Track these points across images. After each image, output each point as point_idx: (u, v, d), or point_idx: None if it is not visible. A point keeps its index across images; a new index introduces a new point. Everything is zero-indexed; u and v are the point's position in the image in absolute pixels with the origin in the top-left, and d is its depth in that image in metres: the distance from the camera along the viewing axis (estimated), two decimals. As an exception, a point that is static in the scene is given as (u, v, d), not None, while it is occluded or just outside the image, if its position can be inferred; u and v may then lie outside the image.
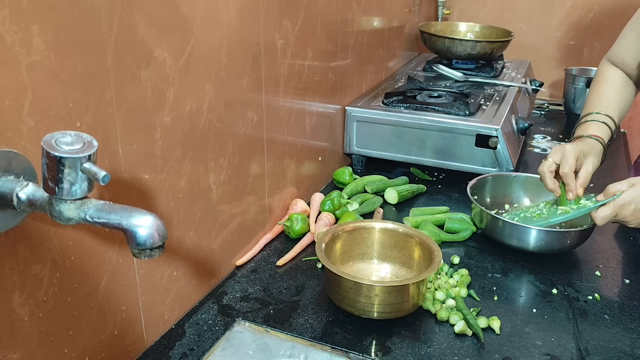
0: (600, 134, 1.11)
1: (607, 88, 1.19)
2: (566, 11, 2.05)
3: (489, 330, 0.88)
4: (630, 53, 1.16)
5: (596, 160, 1.06)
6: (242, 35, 0.93)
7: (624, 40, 1.18)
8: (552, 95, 2.12)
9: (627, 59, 1.18)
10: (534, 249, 1.06)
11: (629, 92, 1.20)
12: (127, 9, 0.68)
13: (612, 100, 1.17)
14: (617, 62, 1.20)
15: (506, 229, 1.07)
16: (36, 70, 0.57)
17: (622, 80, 1.20)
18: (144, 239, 0.50)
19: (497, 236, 1.10)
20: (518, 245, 1.07)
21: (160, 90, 0.76)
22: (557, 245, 1.07)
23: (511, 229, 1.07)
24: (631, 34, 1.16)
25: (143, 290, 0.80)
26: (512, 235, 1.07)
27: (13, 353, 0.61)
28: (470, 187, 1.18)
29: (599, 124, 1.12)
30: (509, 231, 1.07)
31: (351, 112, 1.43)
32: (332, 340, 0.85)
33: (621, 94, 1.19)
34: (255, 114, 1.01)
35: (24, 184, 0.54)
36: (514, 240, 1.07)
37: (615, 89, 1.19)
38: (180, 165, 0.83)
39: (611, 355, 0.84)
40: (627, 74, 1.20)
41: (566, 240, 1.06)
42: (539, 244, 1.05)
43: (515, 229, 1.06)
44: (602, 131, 1.11)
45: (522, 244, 1.06)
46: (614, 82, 1.20)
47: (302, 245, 1.10)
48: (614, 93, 1.18)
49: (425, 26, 1.93)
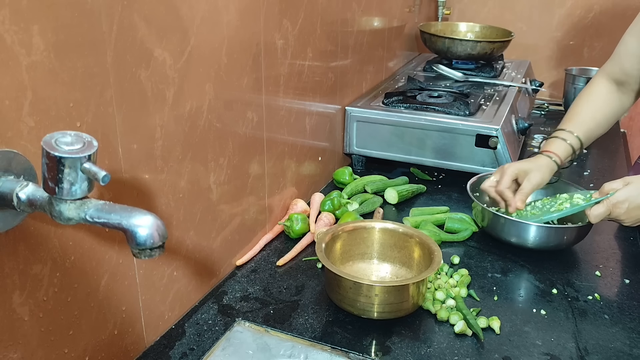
0: (557, 150, 1.14)
1: (585, 104, 1.20)
2: (566, 11, 2.06)
3: (489, 330, 0.88)
4: (631, 60, 1.15)
5: (539, 176, 1.10)
6: (242, 35, 0.93)
7: (623, 47, 1.16)
8: (552, 95, 2.12)
9: (628, 66, 1.15)
10: (532, 245, 1.07)
11: (611, 107, 1.19)
12: (127, 9, 0.68)
13: (584, 117, 1.18)
14: (615, 70, 1.18)
15: (505, 226, 1.09)
16: (36, 70, 0.57)
17: (605, 95, 1.19)
18: (144, 239, 0.50)
19: (497, 233, 1.11)
20: (517, 242, 1.08)
21: (160, 90, 0.76)
22: (555, 241, 1.07)
23: (510, 226, 1.08)
24: (631, 40, 1.14)
25: (143, 290, 0.80)
26: (511, 232, 1.08)
27: (13, 353, 0.61)
28: (470, 184, 1.18)
29: (559, 141, 1.15)
30: (508, 228, 1.08)
31: (351, 112, 1.43)
32: (332, 340, 0.85)
33: (598, 110, 1.18)
34: (255, 114, 1.01)
35: (24, 184, 0.54)
36: (512, 237, 1.08)
37: (592, 104, 1.19)
38: (180, 165, 0.83)
39: (611, 354, 0.84)
40: (624, 82, 1.17)
41: (563, 236, 1.07)
42: (537, 240, 1.06)
43: (514, 225, 1.07)
44: (560, 148, 1.14)
45: (521, 240, 1.07)
46: (595, 98, 1.20)
47: (302, 245, 1.10)
48: (589, 110, 1.19)
49: (425, 26, 1.93)
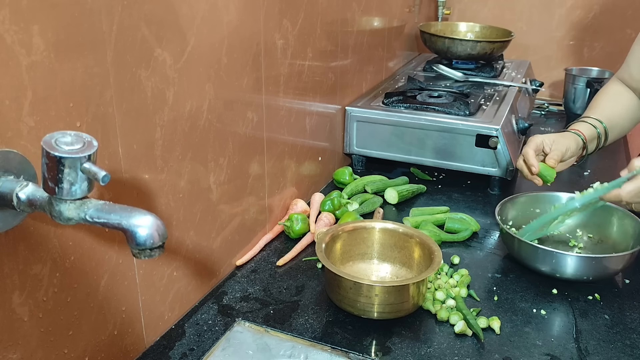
0: (582, 129, 1.14)
1: (603, 98, 1.21)
2: (566, 11, 2.05)
3: (489, 330, 0.88)
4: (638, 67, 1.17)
5: (564, 141, 1.10)
6: (242, 35, 0.93)
7: (632, 57, 1.19)
8: (552, 95, 2.12)
9: (637, 73, 1.17)
10: (571, 276, 0.98)
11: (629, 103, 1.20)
12: (127, 9, 0.68)
13: (603, 107, 1.19)
14: (625, 78, 1.20)
15: (540, 256, 0.98)
16: (36, 70, 0.57)
17: (620, 92, 1.21)
18: (144, 239, 0.50)
19: (532, 263, 1.01)
20: (551, 272, 0.99)
21: (160, 90, 0.76)
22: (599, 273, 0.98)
23: (545, 256, 0.98)
24: (638, 48, 1.16)
25: (143, 290, 0.80)
26: (546, 261, 0.98)
27: (13, 353, 0.61)
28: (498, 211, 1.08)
29: (583, 123, 1.16)
30: (543, 257, 0.98)
31: (351, 112, 1.43)
32: (332, 340, 0.85)
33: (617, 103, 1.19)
34: (255, 114, 1.01)
35: (24, 184, 0.54)
36: (546, 266, 0.98)
37: (611, 98, 1.20)
38: (180, 165, 0.83)
39: (611, 355, 0.84)
40: (635, 88, 1.19)
41: (612, 267, 0.97)
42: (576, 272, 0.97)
43: (549, 255, 0.97)
44: (585, 128, 1.15)
45: (557, 271, 0.98)
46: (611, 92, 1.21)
47: (302, 245, 1.10)
48: (608, 103, 1.20)
49: (425, 26, 1.93)
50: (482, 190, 1.37)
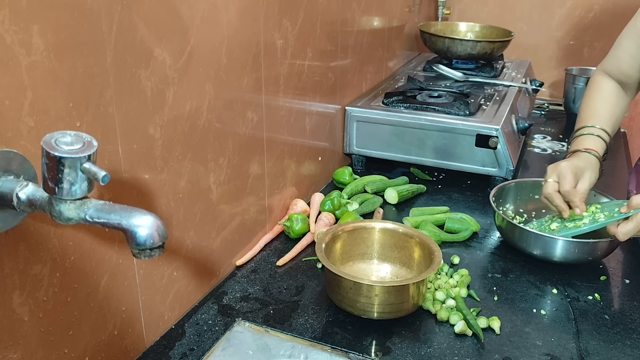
0: (596, 147, 1.09)
1: (600, 100, 1.17)
2: (566, 11, 2.05)
3: (489, 330, 0.88)
4: (629, 62, 1.13)
5: (593, 175, 1.05)
6: (242, 35, 0.93)
7: (620, 50, 1.15)
8: (552, 95, 2.12)
9: (626, 68, 1.14)
10: (559, 259, 1.03)
11: (622, 103, 1.18)
12: (127, 9, 0.68)
13: (604, 113, 1.15)
14: (613, 72, 1.17)
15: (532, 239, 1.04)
16: (36, 70, 0.57)
17: (615, 91, 1.18)
18: (144, 239, 0.50)
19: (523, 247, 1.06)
20: (542, 255, 1.04)
21: (160, 90, 0.76)
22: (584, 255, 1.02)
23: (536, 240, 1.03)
24: (628, 43, 1.13)
25: (143, 290, 0.80)
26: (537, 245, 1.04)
27: (13, 353, 0.61)
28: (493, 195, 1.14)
29: (594, 138, 1.10)
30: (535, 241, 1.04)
31: (351, 112, 1.43)
32: (332, 341, 0.85)
33: (614, 106, 1.16)
34: (255, 114, 1.01)
35: (23, 184, 0.54)
36: (537, 250, 1.04)
37: (607, 101, 1.17)
38: (180, 165, 0.83)
39: (611, 355, 0.84)
40: (624, 82, 1.17)
41: (596, 251, 1.02)
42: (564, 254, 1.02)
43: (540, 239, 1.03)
44: (597, 145, 1.09)
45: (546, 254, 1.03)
46: (607, 94, 1.17)
47: (302, 245, 1.10)
48: (607, 106, 1.16)
49: (425, 26, 1.93)
50: (482, 190, 1.37)
